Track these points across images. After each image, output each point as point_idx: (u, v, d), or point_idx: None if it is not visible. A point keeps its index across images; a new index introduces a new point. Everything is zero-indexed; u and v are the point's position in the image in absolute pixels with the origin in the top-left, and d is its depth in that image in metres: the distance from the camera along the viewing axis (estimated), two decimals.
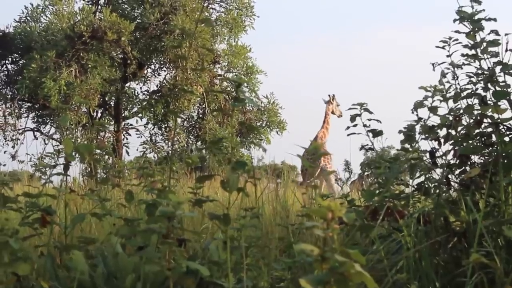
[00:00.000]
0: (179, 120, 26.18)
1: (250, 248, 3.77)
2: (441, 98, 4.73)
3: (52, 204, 4.09)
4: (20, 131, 25.05)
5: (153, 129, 26.86)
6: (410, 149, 4.68)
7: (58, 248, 3.92)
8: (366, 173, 4.89)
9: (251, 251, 3.89)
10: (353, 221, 2.34)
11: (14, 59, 25.57)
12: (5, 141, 24.50)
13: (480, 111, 4.62)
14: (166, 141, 26.69)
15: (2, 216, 3.71)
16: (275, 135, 26.88)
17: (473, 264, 3.58)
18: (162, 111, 24.98)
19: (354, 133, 5.25)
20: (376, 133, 5.17)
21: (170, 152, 26.04)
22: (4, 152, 23.94)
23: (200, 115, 27.08)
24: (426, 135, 4.69)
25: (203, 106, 26.61)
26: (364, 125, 5.19)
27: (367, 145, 5.25)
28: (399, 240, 4.29)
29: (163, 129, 26.94)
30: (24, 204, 4.04)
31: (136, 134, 26.56)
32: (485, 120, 4.61)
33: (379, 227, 4.27)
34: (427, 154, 4.77)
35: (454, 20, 4.80)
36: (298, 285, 3.72)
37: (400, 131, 4.84)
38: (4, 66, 25.63)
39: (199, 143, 26.98)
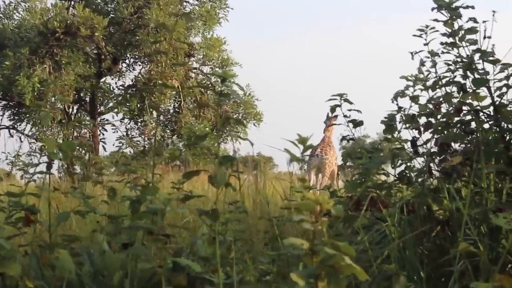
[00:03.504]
0: (155, 114, 26.14)
1: (235, 241, 3.77)
2: (422, 87, 4.74)
3: (35, 203, 4.06)
4: None
5: (129, 123, 26.79)
6: (392, 139, 4.69)
7: (42, 247, 3.89)
8: (347, 164, 4.87)
9: (236, 245, 3.88)
10: (340, 213, 2.35)
11: None
12: None
13: (459, 99, 4.64)
14: (142, 136, 26.62)
15: None
16: (251, 127, 26.91)
17: (460, 253, 3.59)
18: (138, 105, 24.88)
19: (335, 124, 5.25)
20: (357, 124, 5.18)
21: (148, 146, 25.97)
22: None
23: (176, 109, 27.02)
24: (408, 124, 4.70)
25: (178, 100, 26.54)
26: (345, 116, 5.18)
27: (348, 135, 5.25)
28: (382, 230, 4.30)
29: (139, 124, 26.85)
30: (7, 203, 4.01)
31: (112, 129, 26.46)
32: (464, 108, 4.62)
33: (363, 217, 4.28)
34: (408, 143, 4.78)
35: (432, 9, 4.81)
36: (283, 278, 3.73)
37: (382, 121, 4.84)
38: None
39: (175, 137, 26.92)
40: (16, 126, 25.70)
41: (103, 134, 26.40)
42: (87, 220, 4.81)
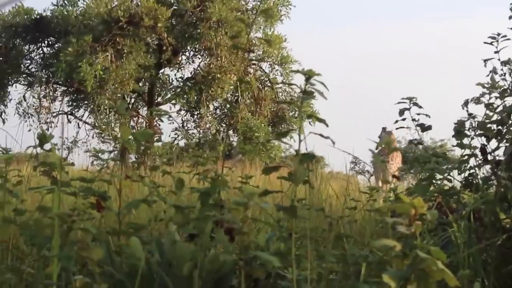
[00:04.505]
0: (211, 107, 26.28)
1: (300, 239, 3.78)
2: (497, 95, 4.69)
3: (106, 189, 4.11)
4: (54, 114, 25.23)
5: (185, 115, 26.96)
6: (466, 145, 4.64)
7: (109, 234, 3.94)
8: (412, 168, 4.86)
9: (301, 243, 3.89)
10: (435, 218, 2.36)
11: (50, 42, 25.75)
12: (39, 124, 24.68)
13: None
14: (198, 128, 26.76)
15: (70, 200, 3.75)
16: (307, 125, 26.87)
17: None
18: (195, 98, 25.01)
19: (403, 127, 5.22)
20: (425, 128, 5.15)
21: (203, 139, 26.07)
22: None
23: (233, 103, 27.10)
24: (481, 132, 4.65)
25: (236, 94, 26.63)
26: (413, 119, 5.15)
27: (415, 139, 5.22)
28: (447, 235, 4.28)
29: (195, 116, 27.00)
30: (78, 189, 4.06)
31: (169, 120, 26.64)
32: None
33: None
34: (477, 150, 4.74)
35: (510, 17, 4.78)
36: (348, 277, 3.73)
37: (454, 128, 4.80)
38: (40, 49, 25.82)
39: (230, 131, 27.01)
40: (74, 112, 26.04)
41: (159, 125, 26.62)
42: (151, 209, 4.85)
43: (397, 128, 5.27)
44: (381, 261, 2.81)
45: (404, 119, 5.25)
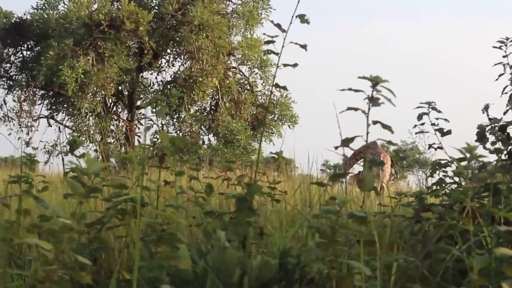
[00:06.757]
0: (191, 111, 26.22)
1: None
2: None
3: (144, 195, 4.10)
4: (35, 118, 25.07)
5: (165, 118, 26.88)
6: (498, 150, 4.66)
7: (143, 240, 3.93)
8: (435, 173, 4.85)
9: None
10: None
11: (30, 46, 25.59)
12: (20, 128, 24.52)
13: None
14: (179, 132, 26.69)
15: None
16: (286, 129, 26.99)
17: None
18: (177, 101, 24.96)
19: (422, 132, 5.24)
20: (444, 133, 5.16)
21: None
22: (19, 139, 23.91)
23: (213, 107, 27.12)
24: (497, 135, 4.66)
25: (216, 97, 26.64)
26: (432, 124, 5.16)
27: (434, 143, 5.23)
28: (477, 239, 4.29)
29: (175, 119, 26.98)
30: (110, 195, 4.05)
31: (149, 123, 26.51)
32: None
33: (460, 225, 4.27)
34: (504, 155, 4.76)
35: None
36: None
37: (476, 133, 4.82)
38: (20, 52, 25.67)
39: (211, 135, 27.01)
40: (54, 115, 25.91)
41: (138, 128, 26.55)
42: (182, 215, 4.82)
43: (416, 133, 5.28)
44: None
45: (422, 124, 5.26)
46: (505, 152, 4.73)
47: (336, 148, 2.79)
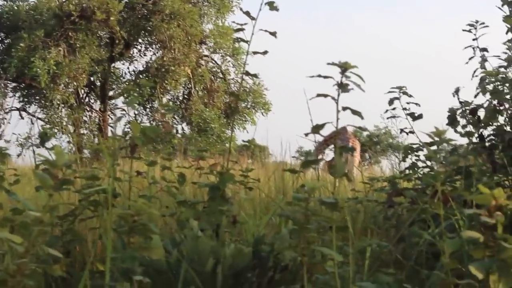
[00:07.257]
0: (164, 100, 26.16)
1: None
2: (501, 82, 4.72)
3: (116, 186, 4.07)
4: (7, 111, 24.87)
5: (137, 108, 26.77)
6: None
7: (116, 231, 3.91)
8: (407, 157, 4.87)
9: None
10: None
11: (0, 38, 25.39)
12: None
13: None
14: (151, 121, 26.62)
15: None
16: (259, 116, 27.02)
17: None
18: (149, 91, 24.87)
19: (394, 116, 5.25)
20: (416, 117, 5.16)
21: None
22: None
23: (186, 96, 27.04)
24: (489, 119, 4.68)
25: (189, 86, 26.58)
26: (404, 108, 5.16)
27: (406, 128, 5.25)
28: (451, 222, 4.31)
29: (148, 109, 26.90)
30: (82, 186, 4.03)
31: (121, 114, 26.39)
32: None
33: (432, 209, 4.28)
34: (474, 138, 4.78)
35: (502, 4, 4.84)
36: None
37: (448, 116, 4.84)
38: None
39: (184, 124, 26.95)
40: (26, 108, 25.72)
41: (111, 119, 26.41)
42: (155, 205, 4.80)
43: (388, 118, 5.29)
44: None
45: (394, 109, 5.27)
46: (476, 135, 4.76)
47: (307, 134, 2.79)
